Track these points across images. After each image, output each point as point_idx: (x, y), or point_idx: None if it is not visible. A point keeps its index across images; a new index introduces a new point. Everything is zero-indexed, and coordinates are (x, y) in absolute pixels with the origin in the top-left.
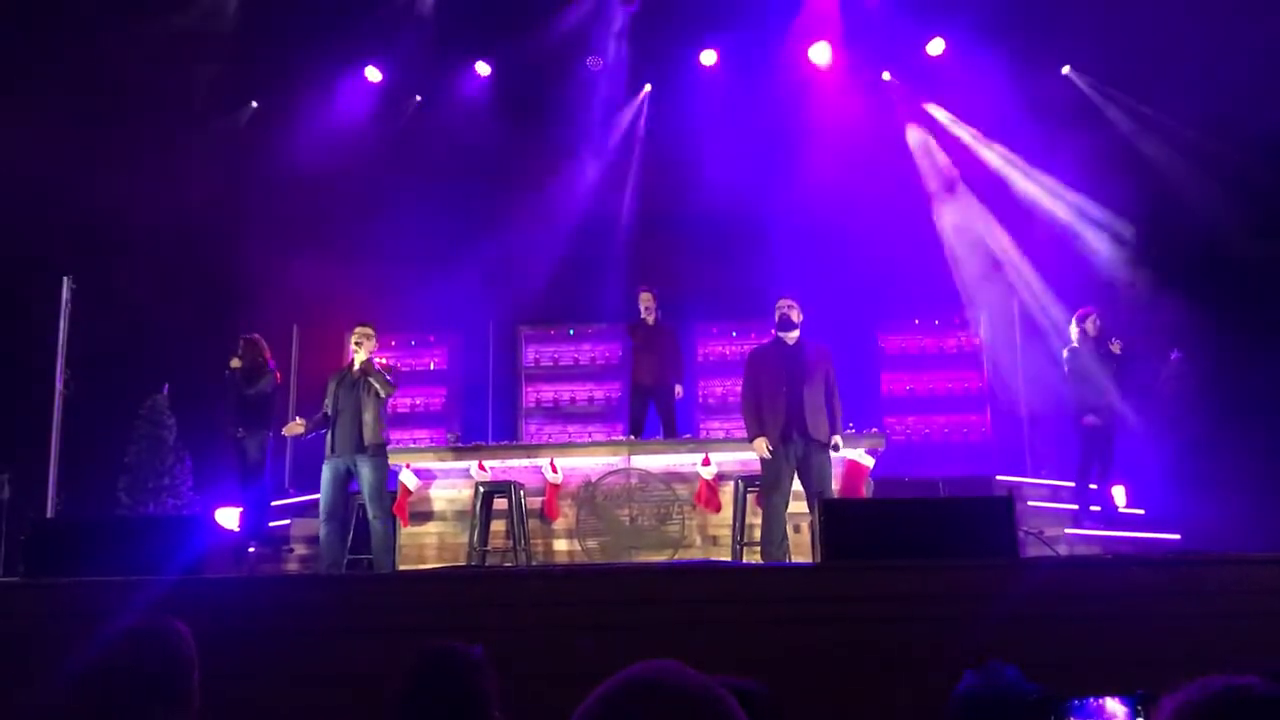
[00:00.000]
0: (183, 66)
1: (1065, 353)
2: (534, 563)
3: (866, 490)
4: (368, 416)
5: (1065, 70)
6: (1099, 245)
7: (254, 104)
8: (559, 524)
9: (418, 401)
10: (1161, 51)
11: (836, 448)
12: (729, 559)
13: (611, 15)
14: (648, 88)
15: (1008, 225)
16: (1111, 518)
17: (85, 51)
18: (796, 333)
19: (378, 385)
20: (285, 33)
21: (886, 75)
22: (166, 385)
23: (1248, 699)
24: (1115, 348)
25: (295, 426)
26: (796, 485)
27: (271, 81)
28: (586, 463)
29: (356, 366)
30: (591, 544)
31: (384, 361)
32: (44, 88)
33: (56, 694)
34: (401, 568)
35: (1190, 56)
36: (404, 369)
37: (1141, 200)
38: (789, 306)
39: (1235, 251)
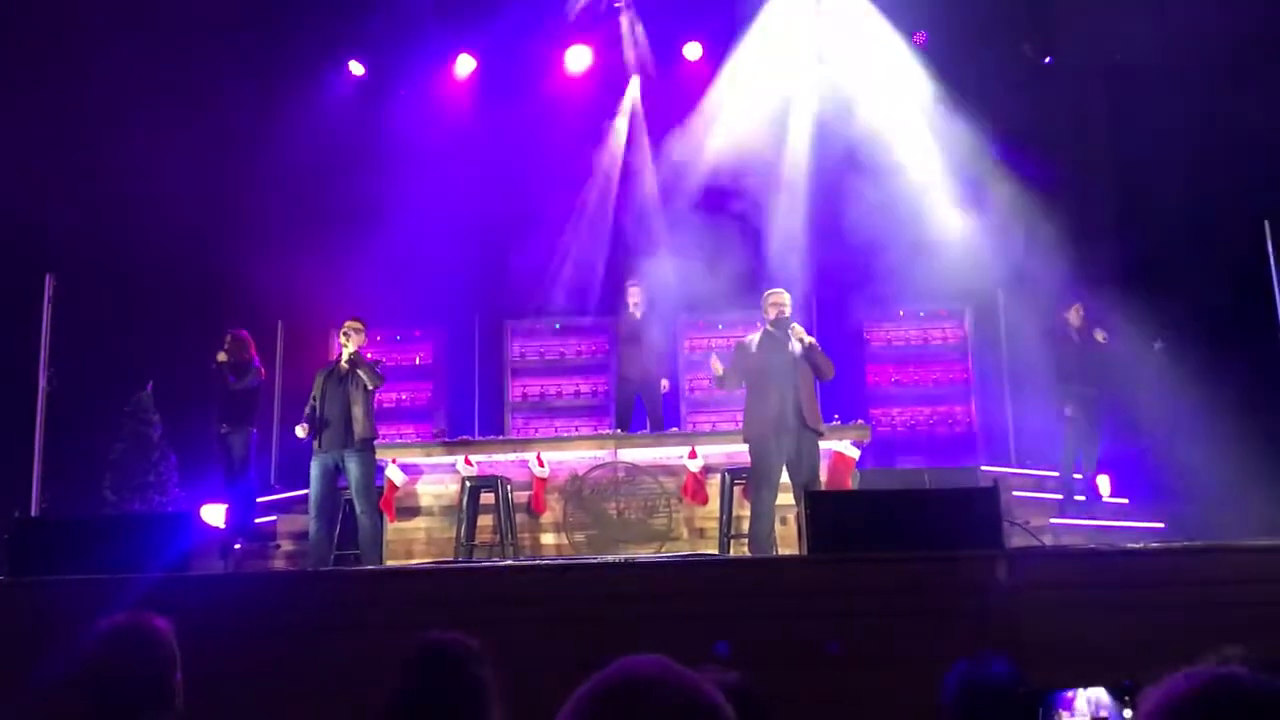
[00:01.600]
0: (164, 63)
1: (1049, 342)
2: (521, 557)
3: (852, 482)
4: (357, 411)
5: (1046, 60)
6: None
7: (235, 100)
8: (546, 518)
9: (404, 396)
10: (1147, 42)
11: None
12: (716, 552)
13: (599, 8)
14: (635, 80)
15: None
16: (1096, 507)
17: (67, 50)
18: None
19: (365, 376)
20: (267, 27)
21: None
22: (151, 382)
23: (1233, 689)
24: (1100, 337)
25: (303, 429)
26: (784, 478)
27: (252, 77)
28: (573, 457)
29: (345, 359)
30: (579, 538)
31: (368, 356)
32: (26, 86)
33: (39, 693)
34: (389, 563)
35: (1176, 46)
36: (389, 364)
37: (1126, 191)
38: (786, 303)
39: (1219, 241)
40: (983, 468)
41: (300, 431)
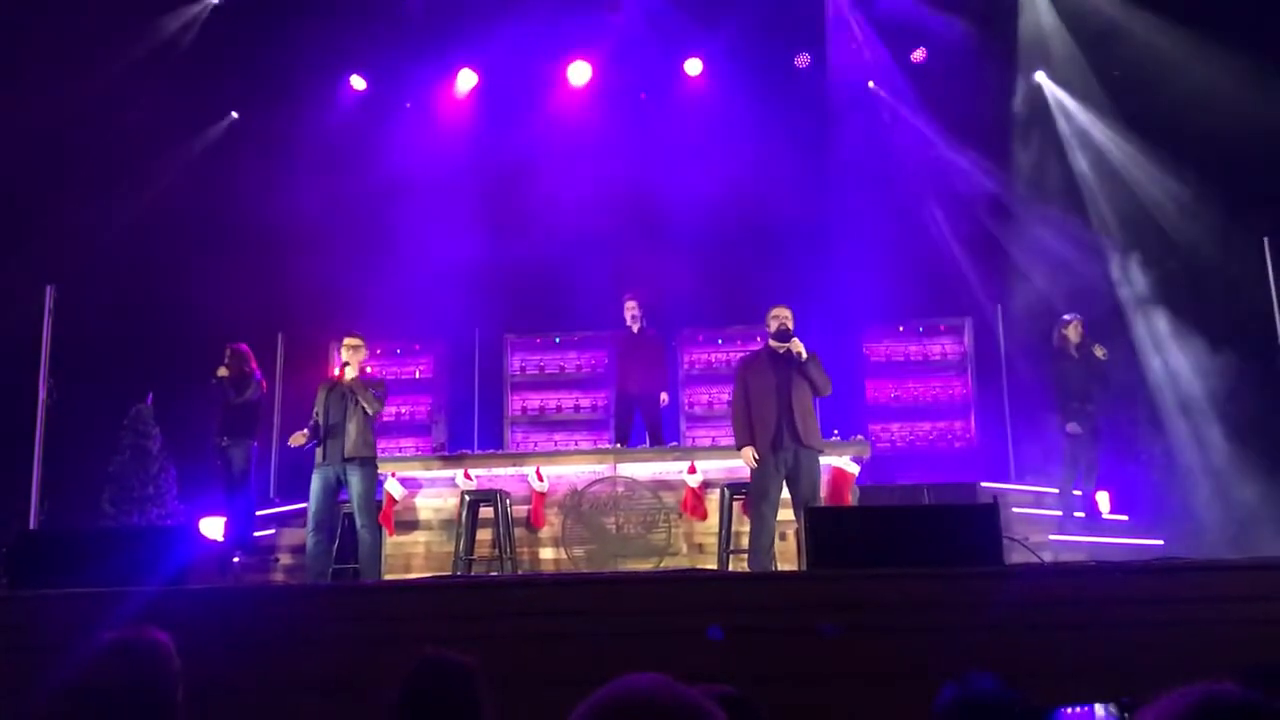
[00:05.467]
0: (164, 76)
1: (1049, 359)
2: (520, 571)
3: (852, 498)
4: (352, 428)
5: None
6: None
7: (234, 115)
8: (545, 532)
9: (403, 410)
10: (1141, 61)
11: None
12: (715, 567)
13: (598, 23)
14: (643, 96)
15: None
16: (1095, 524)
17: (67, 60)
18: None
19: (365, 403)
20: (269, 41)
21: (871, 84)
22: (150, 395)
23: (1226, 705)
24: (1099, 352)
25: (298, 437)
26: (784, 494)
27: (253, 91)
28: (573, 471)
29: (345, 380)
30: (578, 552)
31: (370, 370)
32: (26, 96)
33: (38, 708)
34: (388, 577)
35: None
36: (389, 378)
37: (1126, 209)
38: (788, 317)
39: (1219, 259)
40: (982, 484)
41: (294, 440)
